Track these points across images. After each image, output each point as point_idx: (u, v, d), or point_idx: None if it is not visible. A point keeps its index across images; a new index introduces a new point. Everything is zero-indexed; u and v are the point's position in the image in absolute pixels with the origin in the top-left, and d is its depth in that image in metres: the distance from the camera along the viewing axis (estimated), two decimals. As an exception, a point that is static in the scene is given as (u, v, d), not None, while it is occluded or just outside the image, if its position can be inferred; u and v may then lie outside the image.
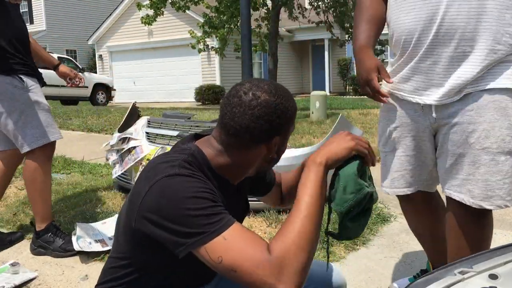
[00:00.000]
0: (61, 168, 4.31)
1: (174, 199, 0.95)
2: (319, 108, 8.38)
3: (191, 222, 0.93)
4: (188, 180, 0.98)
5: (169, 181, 0.97)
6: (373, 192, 1.10)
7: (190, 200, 0.95)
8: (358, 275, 2.13)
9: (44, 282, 2.16)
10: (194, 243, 0.93)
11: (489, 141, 1.41)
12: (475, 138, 1.42)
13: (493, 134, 1.40)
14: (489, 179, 1.42)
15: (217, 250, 0.92)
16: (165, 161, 1.03)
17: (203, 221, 0.93)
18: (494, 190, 1.43)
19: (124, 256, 1.11)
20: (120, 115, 8.67)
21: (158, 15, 11.52)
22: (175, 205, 0.94)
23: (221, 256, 0.91)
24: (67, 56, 16.31)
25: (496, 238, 2.56)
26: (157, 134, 3.23)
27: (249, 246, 0.92)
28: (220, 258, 0.92)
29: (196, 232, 0.93)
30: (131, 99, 15.84)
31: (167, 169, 1.00)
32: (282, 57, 16.14)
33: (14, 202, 3.23)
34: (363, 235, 2.52)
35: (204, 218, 0.93)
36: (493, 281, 0.77)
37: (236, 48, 11.27)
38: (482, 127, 1.41)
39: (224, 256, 0.91)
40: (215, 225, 0.93)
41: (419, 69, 1.49)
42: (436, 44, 1.44)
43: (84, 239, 2.42)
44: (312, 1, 12.52)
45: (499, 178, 1.42)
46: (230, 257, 0.91)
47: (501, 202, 1.43)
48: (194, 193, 0.96)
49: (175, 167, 1.00)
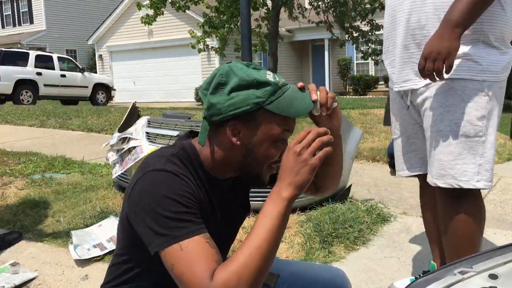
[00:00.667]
0: (61, 168, 4.31)
1: (154, 194, 0.97)
2: (319, 108, 8.36)
3: (161, 222, 0.95)
4: (171, 178, 1.00)
5: (154, 176, 1.00)
6: None
7: (167, 200, 0.96)
8: (358, 275, 2.12)
9: (44, 282, 2.16)
10: (159, 244, 0.94)
11: (443, 124, 1.53)
12: (433, 121, 1.56)
13: (447, 117, 1.52)
14: (442, 158, 1.54)
15: (172, 256, 0.92)
16: (156, 155, 1.06)
17: (171, 223, 0.94)
18: (446, 170, 1.54)
19: (123, 252, 1.13)
20: (120, 115, 8.67)
21: (158, 15, 11.52)
22: (152, 201, 0.96)
23: (173, 264, 0.92)
24: (67, 56, 16.29)
25: (496, 238, 2.56)
26: (157, 134, 3.23)
27: (198, 264, 0.90)
28: (172, 265, 0.92)
29: (162, 233, 0.94)
30: (131, 99, 15.83)
31: (156, 163, 1.03)
32: (282, 57, 16.14)
33: (14, 202, 3.23)
34: (363, 235, 2.52)
35: (173, 221, 0.94)
36: (493, 281, 0.77)
37: (236, 48, 11.27)
38: (438, 111, 1.54)
39: (175, 265, 0.92)
40: (179, 231, 0.93)
41: None
42: None
43: (82, 247, 2.41)
44: (312, 1, 12.51)
45: (451, 158, 1.53)
46: (179, 268, 0.91)
47: (453, 181, 1.53)
48: (173, 194, 0.97)
49: (163, 162, 1.02)
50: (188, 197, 0.98)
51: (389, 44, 1.71)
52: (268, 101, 1.02)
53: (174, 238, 0.93)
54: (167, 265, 0.94)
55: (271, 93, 1.02)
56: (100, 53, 20.01)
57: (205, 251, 0.93)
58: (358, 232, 2.52)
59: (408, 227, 2.71)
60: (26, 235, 2.68)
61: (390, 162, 4.12)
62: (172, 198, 0.96)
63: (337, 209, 2.76)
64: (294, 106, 1.04)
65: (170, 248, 0.93)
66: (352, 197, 3.13)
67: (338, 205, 2.86)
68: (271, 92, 1.02)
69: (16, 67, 13.09)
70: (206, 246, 0.94)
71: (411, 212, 2.97)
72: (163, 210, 0.95)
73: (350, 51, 18.62)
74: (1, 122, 7.91)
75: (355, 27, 11.96)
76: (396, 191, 3.45)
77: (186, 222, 0.95)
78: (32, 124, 7.63)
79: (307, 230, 2.51)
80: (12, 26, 25.39)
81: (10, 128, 7.39)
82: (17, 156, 4.74)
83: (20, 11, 24.79)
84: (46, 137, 6.44)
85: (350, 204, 2.88)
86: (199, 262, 0.91)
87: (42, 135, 6.56)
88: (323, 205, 2.87)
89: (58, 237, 2.62)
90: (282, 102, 1.03)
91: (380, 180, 3.85)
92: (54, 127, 7.28)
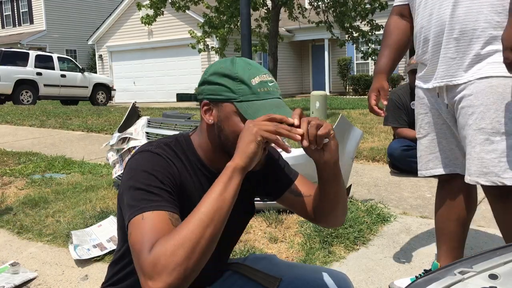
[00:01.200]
0: (61, 168, 4.31)
1: (134, 171, 1.01)
2: (319, 108, 8.38)
3: (133, 194, 0.97)
4: (152, 156, 1.04)
5: (139, 155, 1.05)
6: None
7: (143, 174, 1.00)
8: (358, 275, 2.12)
9: (44, 282, 2.16)
10: (128, 216, 0.96)
11: (484, 122, 1.54)
12: (472, 119, 1.56)
13: (488, 115, 1.53)
14: (484, 157, 1.55)
15: (132, 225, 0.94)
16: (150, 143, 1.11)
17: (141, 195, 0.96)
18: (489, 167, 1.55)
19: (120, 248, 1.14)
20: (120, 115, 8.68)
21: (158, 15, 11.52)
22: (131, 176, 1.00)
23: (130, 232, 0.93)
24: (67, 56, 16.29)
25: (496, 238, 2.56)
26: (157, 134, 3.23)
27: (149, 234, 0.90)
28: (130, 233, 0.93)
29: (132, 204, 0.96)
30: (131, 99, 15.84)
31: (145, 147, 1.08)
32: (282, 57, 16.14)
33: (14, 202, 3.23)
34: (363, 235, 2.52)
35: (144, 193, 0.97)
36: (493, 281, 0.77)
37: (236, 48, 11.28)
38: (479, 109, 1.55)
39: (131, 233, 0.93)
40: (146, 203, 0.95)
41: None
42: None
43: (81, 247, 2.41)
44: (312, 1, 12.51)
45: (494, 156, 1.54)
46: (133, 236, 0.92)
47: (496, 179, 1.54)
48: (150, 169, 1.00)
49: (151, 146, 1.07)
50: (165, 175, 1.01)
51: (425, 43, 1.73)
52: (238, 99, 1.04)
53: (140, 209, 0.94)
54: (128, 235, 0.94)
55: (245, 94, 1.04)
56: (100, 53, 20.01)
57: (162, 225, 0.92)
58: (358, 232, 2.52)
59: (408, 227, 2.71)
60: (26, 235, 2.68)
61: (390, 162, 4.12)
62: (148, 172, 1.00)
63: (337, 209, 2.76)
64: (259, 115, 1.01)
65: (134, 219, 0.94)
66: (352, 197, 3.13)
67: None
68: (245, 93, 1.04)
69: (16, 67, 13.10)
70: (166, 222, 0.93)
71: (411, 212, 2.97)
72: (137, 182, 0.98)
73: (350, 51, 18.62)
74: (1, 122, 7.91)
75: (355, 27, 11.96)
76: (396, 191, 3.45)
77: (156, 196, 0.96)
78: (32, 124, 7.63)
79: (307, 230, 2.51)
80: (12, 26, 25.40)
81: (10, 128, 7.39)
82: (17, 156, 4.74)
83: (20, 11, 24.80)
84: (46, 137, 6.44)
85: (350, 204, 2.88)
86: (150, 233, 0.90)
87: (42, 135, 6.56)
88: (323, 205, 2.87)
89: (58, 237, 2.62)
90: (252, 106, 1.03)
91: (380, 180, 3.85)
92: (54, 127, 7.28)
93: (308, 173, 2.79)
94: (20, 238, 2.67)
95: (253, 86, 1.04)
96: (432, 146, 1.81)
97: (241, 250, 2.29)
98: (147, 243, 0.89)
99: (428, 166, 1.84)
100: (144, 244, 0.89)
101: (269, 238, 2.48)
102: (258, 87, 1.04)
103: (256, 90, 1.04)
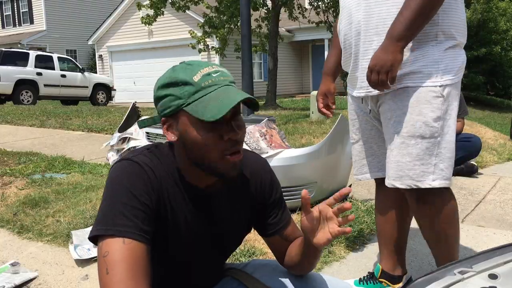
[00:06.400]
0: (61, 168, 4.31)
1: (111, 179, 1.01)
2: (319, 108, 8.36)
3: (108, 209, 0.97)
4: (132, 168, 1.01)
5: (121, 164, 1.03)
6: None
7: (121, 189, 0.98)
8: (358, 275, 2.13)
9: (44, 282, 2.16)
10: (97, 230, 0.97)
11: (400, 126, 1.55)
12: (390, 124, 1.58)
13: (404, 119, 1.54)
14: (400, 160, 1.56)
15: (101, 249, 0.95)
16: (133, 151, 1.09)
17: (115, 213, 0.96)
18: (404, 171, 1.56)
19: None
20: (120, 115, 8.68)
21: (158, 15, 11.53)
22: (108, 186, 1.00)
23: (99, 258, 0.95)
24: (67, 56, 16.29)
25: (496, 238, 2.56)
26: (157, 134, 3.23)
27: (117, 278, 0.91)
28: (99, 256, 0.95)
29: (103, 221, 0.97)
30: (131, 99, 15.81)
31: (127, 155, 1.06)
32: (282, 57, 16.13)
33: (14, 202, 3.23)
34: (363, 234, 2.52)
35: (117, 213, 0.96)
36: (493, 281, 0.77)
37: (237, 48, 11.27)
38: (396, 113, 1.56)
39: (100, 262, 0.94)
40: (119, 226, 0.95)
41: None
42: None
43: (82, 247, 2.41)
44: (312, 1, 12.52)
45: (409, 160, 1.54)
46: (101, 267, 0.93)
47: (411, 182, 1.55)
48: (128, 185, 0.98)
49: (135, 154, 1.06)
50: (143, 191, 0.99)
51: (354, 50, 1.67)
52: (186, 103, 0.99)
53: (111, 230, 0.95)
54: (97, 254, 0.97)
55: (190, 94, 0.99)
56: (100, 53, 20.01)
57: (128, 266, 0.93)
58: (358, 232, 2.52)
59: (408, 227, 2.71)
60: (26, 235, 2.68)
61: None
62: (126, 188, 0.98)
63: (337, 209, 2.76)
64: (209, 108, 0.96)
65: (104, 242, 0.95)
66: (352, 197, 3.13)
67: (338, 205, 2.86)
68: (191, 93, 0.99)
69: (16, 67, 13.09)
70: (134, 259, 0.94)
71: (411, 212, 2.97)
72: (114, 198, 0.98)
73: (350, 51, 18.60)
74: (1, 122, 7.91)
75: (355, 27, 11.94)
76: (396, 191, 3.44)
77: (128, 220, 0.96)
78: (32, 124, 7.63)
79: (307, 230, 2.51)
80: (12, 26, 25.40)
81: (10, 128, 7.39)
82: (17, 156, 4.74)
83: (20, 11, 24.79)
84: (46, 137, 6.44)
85: (350, 204, 2.88)
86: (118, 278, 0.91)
87: (42, 135, 6.56)
88: (323, 205, 2.87)
89: (58, 237, 2.62)
90: (199, 104, 0.98)
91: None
92: (54, 127, 7.28)
93: (308, 173, 2.80)
94: (20, 238, 2.67)
95: (196, 82, 0.99)
96: (364, 151, 1.81)
97: (241, 250, 2.29)
98: None
99: (363, 170, 1.84)
100: None
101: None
102: (201, 82, 0.99)
103: (200, 86, 0.99)
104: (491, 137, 6.32)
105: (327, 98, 1.93)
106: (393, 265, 1.89)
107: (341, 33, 1.74)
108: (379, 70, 1.46)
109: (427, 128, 1.52)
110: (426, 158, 1.53)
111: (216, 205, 1.12)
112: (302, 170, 2.78)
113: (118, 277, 0.90)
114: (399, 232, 1.87)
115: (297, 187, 2.79)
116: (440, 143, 1.53)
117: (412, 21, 1.43)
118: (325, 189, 2.94)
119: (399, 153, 1.56)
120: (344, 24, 1.69)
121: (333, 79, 1.94)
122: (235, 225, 1.17)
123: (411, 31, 1.45)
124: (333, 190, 3.00)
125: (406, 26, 1.43)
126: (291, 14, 12.43)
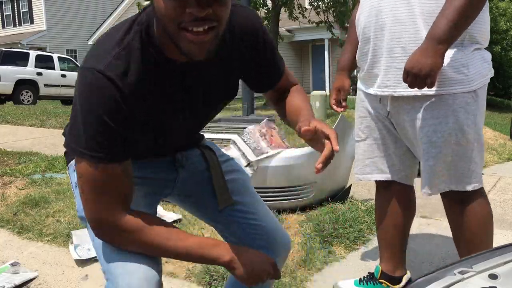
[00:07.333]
0: (61, 168, 4.31)
1: (80, 97, 0.96)
2: (319, 108, 8.39)
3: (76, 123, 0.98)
4: (103, 86, 0.94)
5: (91, 78, 0.95)
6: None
7: (89, 112, 0.95)
8: (358, 275, 2.12)
9: (44, 282, 2.17)
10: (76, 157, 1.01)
11: (436, 136, 1.52)
12: (424, 132, 1.54)
13: (440, 129, 1.51)
14: (437, 169, 1.56)
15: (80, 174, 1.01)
16: (103, 41, 1.00)
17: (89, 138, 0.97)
18: (441, 178, 1.57)
19: None
20: (120, 115, 8.67)
21: (158, 15, 11.51)
22: (78, 105, 0.96)
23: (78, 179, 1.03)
24: (68, 56, 16.28)
25: (496, 238, 2.55)
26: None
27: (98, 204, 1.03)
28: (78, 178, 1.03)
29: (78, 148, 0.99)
30: (131, 99, 15.82)
31: (99, 57, 0.96)
32: (282, 57, 16.10)
33: (14, 202, 3.23)
34: (363, 235, 2.52)
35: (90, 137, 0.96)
36: (493, 281, 0.77)
37: (236, 48, 11.25)
38: (430, 122, 1.52)
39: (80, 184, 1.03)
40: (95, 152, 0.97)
41: None
42: None
43: (82, 247, 2.41)
44: (312, 1, 12.52)
45: (446, 168, 1.55)
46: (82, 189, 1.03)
47: (444, 186, 1.58)
48: (99, 111, 0.94)
49: (107, 54, 0.96)
50: (113, 116, 0.96)
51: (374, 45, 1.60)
52: None
53: (87, 155, 0.98)
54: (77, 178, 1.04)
55: None
56: (100, 53, 20.03)
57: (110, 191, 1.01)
58: (358, 232, 2.52)
59: (408, 227, 2.71)
60: (26, 234, 2.68)
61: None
62: (97, 114, 0.94)
63: (337, 209, 2.76)
64: None
65: (81, 164, 1.00)
66: (352, 197, 3.13)
67: (338, 205, 2.87)
68: None
69: (16, 67, 13.09)
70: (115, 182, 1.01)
71: (411, 212, 2.97)
72: (85, 119, 0.96)
73: (350, 51, 18.60)
74: (1, 122, 7.91)
75: (355, 27, 11.95)
76: (396, 191, 3.44)
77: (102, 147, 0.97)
78: (32, 124, 7.63)
79: (307, 230, 2.52)
80: (12, 26, 25.40)
81: (10, 128, 7.39)
82: (17, 156, 4.74)
83: (21, 11, 24.79)
84: (46, 137, 6.44)
85: (350, 204, 2.88)
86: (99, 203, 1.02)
87: (42, 135, 6.57)
88: (323, 205, 2.88)
89: (59, 237, 2.62)
90: None
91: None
92: (54, 127, 7.29)
93: (308, 173, 2.80)
94: (20, 238, 2.68)
95: None
96: (370, 151, 1.77)
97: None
98: (94, 214, 1.03)
99: (365, 170, 1.81)
100: (92, 214, 1.03)
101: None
102: None
103: None
104: (491, 137, 6.32)
105: (340, 94, 1.91)
106: (393, 267, 1.88)
107: (360, 25, 1.65)
108: (417, 74, 1.37)
109: (463, 136, 1.51)
110: (461, 164, 1.54)
111: (199, 76, 1.07)
112: (302, 170, 2.78)
113: (90, 196, 1.01)
114: (399, 234, 1.86)
115: (297, 187, 2.80)
116: (476, 147, 1.54)
117: (456, 23, 1.35)
118: (325, 189, 2.94)
119: (436, 163, 1.55)
120: (365, 15, 1.60)
121: (349, 74, 1.90)
122: (217, 94, 1.15)
123: (454, 35, 1.37)
124: (333, 190, 3.01)
125: (449, 28, 1.35)
126: (291, 14, 12.44)
